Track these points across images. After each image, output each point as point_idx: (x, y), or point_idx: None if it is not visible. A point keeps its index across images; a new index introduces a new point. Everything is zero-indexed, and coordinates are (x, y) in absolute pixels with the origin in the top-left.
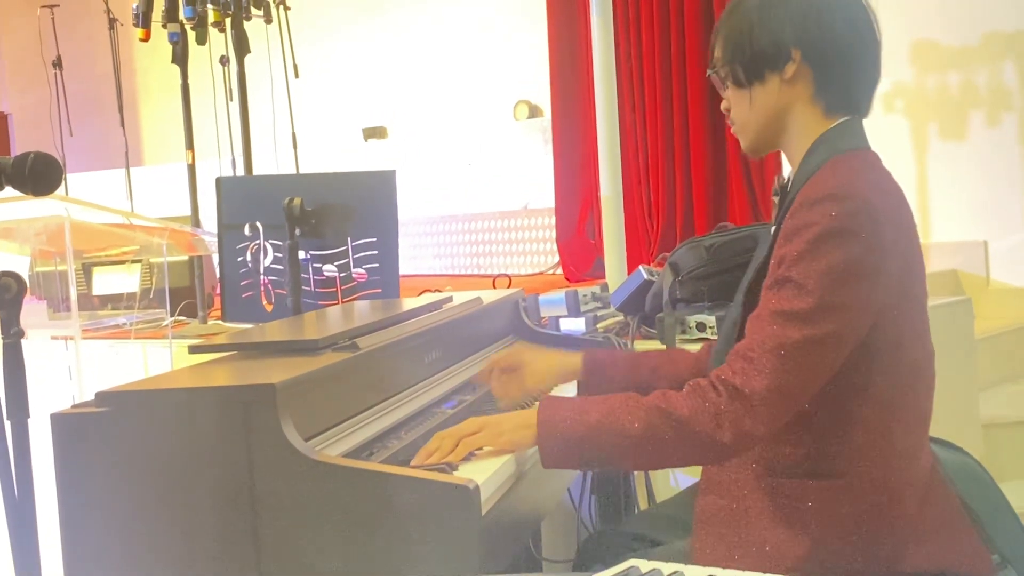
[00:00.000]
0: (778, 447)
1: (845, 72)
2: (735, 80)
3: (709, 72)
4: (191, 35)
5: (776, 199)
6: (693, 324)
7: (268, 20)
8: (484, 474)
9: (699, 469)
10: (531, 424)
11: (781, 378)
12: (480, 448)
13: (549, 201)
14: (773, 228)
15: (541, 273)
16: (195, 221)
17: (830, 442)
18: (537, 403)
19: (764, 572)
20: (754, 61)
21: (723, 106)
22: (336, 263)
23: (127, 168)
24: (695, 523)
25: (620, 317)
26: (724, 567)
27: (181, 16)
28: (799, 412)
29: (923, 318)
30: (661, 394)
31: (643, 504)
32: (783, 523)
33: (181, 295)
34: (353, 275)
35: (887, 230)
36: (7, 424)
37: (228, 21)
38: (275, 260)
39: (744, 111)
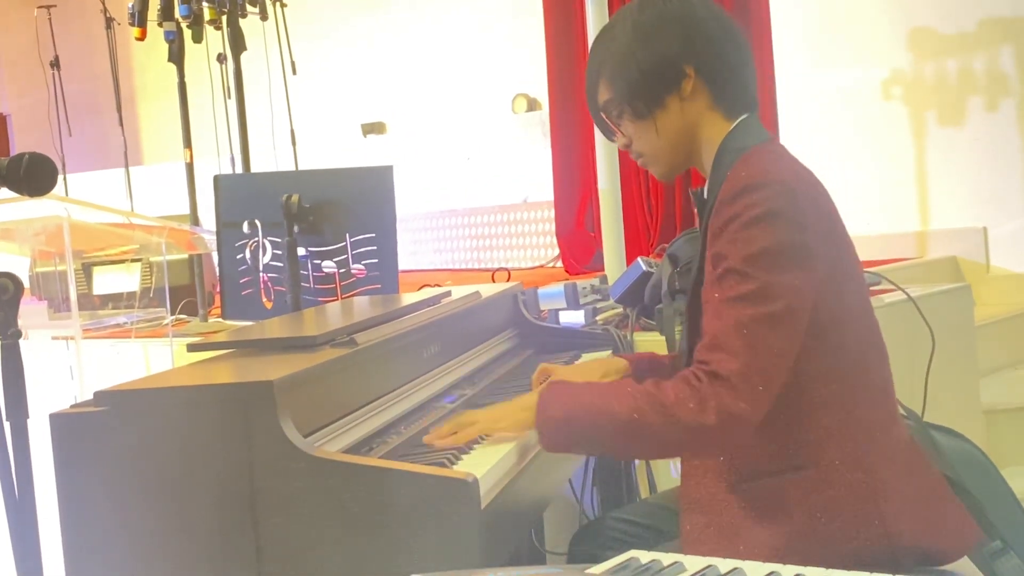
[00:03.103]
0: (748, 449)
1: (733, 74)
2: (635, 114)
3: (599, 113)
4: (187, 33)
5: (696, 209)
6: None
7: (264, 17)
8: (483, 467)
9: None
10: (531, 406)
11: (751, 355)
12: (483, 437)
13: (548, 194)
14: (700, 234)
15: (541, 266)
16: (194, 219)
17: (797, 432)
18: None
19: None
20: (650, 89)
21: (621, 143)
22: (335, 259)
23: (126, 167)
24: (683, 543)
25: (620, 309)
26: None
27: (177, 14)
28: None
29: (862, 291)
30: (654, 382)
31: (645, 495)
32: (769, 523)
33: (181, 293)
34: (352, 271)
35: (808, 208)
36: (6, 425)
37: (224, 19)
38: (274, 257)
39: (651, 141)
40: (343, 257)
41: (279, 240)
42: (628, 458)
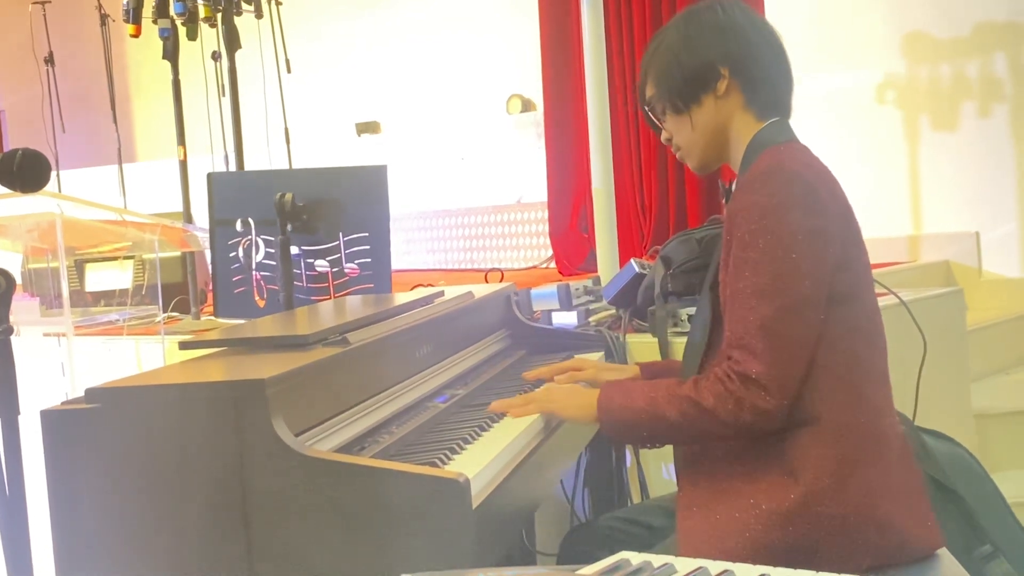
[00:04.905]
0: None
1: (767, 78)
2: (673, 109)
3: (644, 109)
4: (182, 31)
5: (724, 201)
6: (685, 317)
7: (259, 15)
8: (475, 467)
9: None
10: (591, 404)
11: (775, 353)
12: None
13: (542, 195)
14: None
15: (534, 267)
16: (187, 217)
17: (799, 390)
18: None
19: (744, 526)
20: (688, 86)
21: (664, 138)
22: (328, 258)
23: (120, 164)
24: (679, 494)
25: (612, 311)
26: (707, 539)
27: (171, 12)
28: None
29: (870, 281)
30: (694, 383)
31: (636, 496)
32: (761, 475)
33: (174, 291)
34: (345, 270)
35: (822, 194)
36: None
37: (219, 16)
38: (267, 256)
39: (687, 134)
40: (336, 256)
41: (272, 238)
42: (679, 445)
